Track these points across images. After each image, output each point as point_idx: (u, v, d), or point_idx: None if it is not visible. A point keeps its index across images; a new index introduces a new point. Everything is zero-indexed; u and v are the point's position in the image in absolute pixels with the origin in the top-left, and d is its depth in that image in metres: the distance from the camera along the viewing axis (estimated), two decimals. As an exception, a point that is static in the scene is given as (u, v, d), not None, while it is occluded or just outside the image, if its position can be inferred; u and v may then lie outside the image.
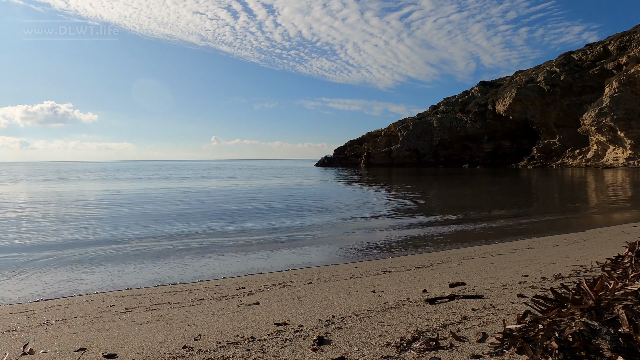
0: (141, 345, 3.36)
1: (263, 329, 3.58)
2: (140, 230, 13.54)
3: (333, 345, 3.02)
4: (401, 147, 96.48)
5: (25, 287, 7.38)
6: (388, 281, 6.06)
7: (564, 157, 76.22)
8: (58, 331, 4.27)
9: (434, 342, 2.85)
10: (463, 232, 12.88)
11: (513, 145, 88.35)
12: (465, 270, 6.53)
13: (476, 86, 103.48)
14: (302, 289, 5.94)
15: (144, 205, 21.57)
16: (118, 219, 16.52)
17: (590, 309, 2.53)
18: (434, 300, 4.08)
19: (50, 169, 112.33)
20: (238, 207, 20.59)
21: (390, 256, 9.53)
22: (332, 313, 3.94)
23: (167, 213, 18.25)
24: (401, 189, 32.68)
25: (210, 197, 26.40)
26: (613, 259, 4.31)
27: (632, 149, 62.95)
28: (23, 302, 6.43)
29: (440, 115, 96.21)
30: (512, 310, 3.52)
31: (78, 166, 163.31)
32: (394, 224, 14.79)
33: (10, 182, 48.17)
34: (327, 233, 13.03)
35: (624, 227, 11.78)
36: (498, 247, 9.66)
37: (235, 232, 13.26)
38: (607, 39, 75.79)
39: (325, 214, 17.81)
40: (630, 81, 63.72)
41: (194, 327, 3.90)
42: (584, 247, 8.32)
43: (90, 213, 18.42)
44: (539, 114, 79.78)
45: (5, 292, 7.13)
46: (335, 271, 7.61)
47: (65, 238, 12.29)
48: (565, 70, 78.02)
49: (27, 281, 7.78)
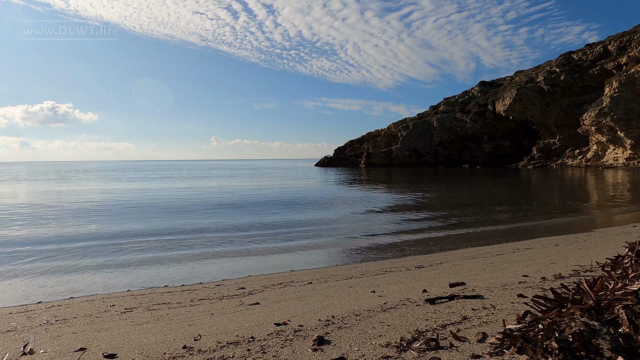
0: (141, 345, 3.36)
1: (263, 329, 3.58)
2: (140, 230, 13.53)
3: (333, 345, 3.02)
4: (401, 147, 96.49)
5: (25, 287, 7.38)
6: (388, 281, 6.06)
7: (564, 157, 76.24)
8: (58, 331, 4.27)
9: (434, 342, 2.85)
10: (463, 232, 12.88)
11: (513, 145, 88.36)
12: (465, 270, 6.53)
13: (476, 86, 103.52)
14: (302, 289, 5.94)
15: (144, 205, 21.56)
16: (118, 219, 16.52)
17: (590, 309, 2.53)
18: (434, 300, 4.08)
19: (51, 169, 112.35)
20: (238, 207, 20.59)
21: (390, 256, 9.53)
22: (332, 313, 3.94)
23: (167, 213, 18.24)
24: (401, 189, 32.68)
25: (210, 197, 26.39)
26: (613, 259, 4.31)
27: (632, 149, 62.96)
28: (22, 303, 6.43)
29: (440, 115, 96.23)
30: (512, 310, 3.52)
31: (78, 166, 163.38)
32: (394, 224, 14.79)
33: (14, 182, 48.17)
34: (327, 233, 13.03)
35: (624, 227, 11.78)
36: (498, 247, 9.66)
37: (235, 232, 13.26)
38: (607, 39, 75.84)
39: (325, 214, 17.81)
40: (630, 81, 63.73)
41: (194, 327, 3.90)
42: (584, 247, 8.32)
43: (90, 212, 18.42)
44: (539, 114, 79.80)
45: (3, 292, 7.13)
46: (335, 271, 7.61)
47: (66, 238, 12.28)
48: (565, 70, 78.04)
49: (26, 281, 7.79)
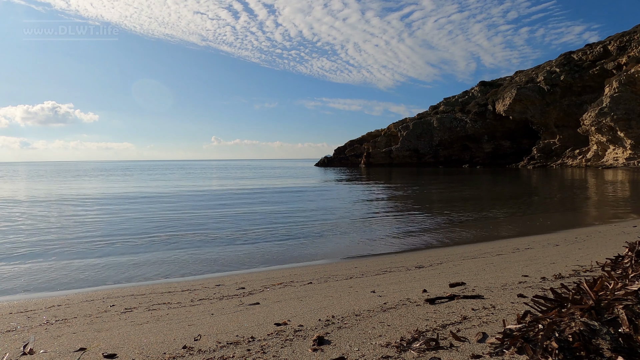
0: (141, 345, 3.36)
1: (263, 329, 3.58)
2: (140, 230, 13.53)
3: (333, 345, 3.02)
4: (401, 147, 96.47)
5: (25, 286, 7.39)
6: (388, 281, 6.06)
7: (564, 157, 76.21)
8: (58, 331, 4.27)
9: (434, 342, 2.85)
10: (463, 232, 12.88)
11: (513, 145, 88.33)
12: (465, 270, 6.53)
13: (476, 86, 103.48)
14: (302, 289, 5.94)
15: (145, 205, 21.56)
16: (118, 218, 16.52)
17: (590, 309, 2.53)
18: (434, 300, 4.08)
19: (51, 169, 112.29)
20: (238, 207, 20.59)
21: (390, 256, 9.53)
22: (332, 313, 3.94)
23: (167, 213, 18.24)
24: (401, 189, 32.68)
25: (210, 197, 26.39)
26: (613, 259, 4.31)
27: (632, 149, 62.94)
28: (22, 299, 6.42)
29: (440, 115, 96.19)
30: (512, 310, 3.52)
31: (79, 166, 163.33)
32: (393, 224, 14.79)
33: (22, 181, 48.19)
34: (327, 233, 13.03)
35: (624, 227, 11.77)
36: (498, 247, 9.65)
37: (235, 232, 13.26)
38: (607, 39, 75.80)
39: (325, 214, 17.81)
40: (630, 81, 63.70)
41: (194, 327, 3.90)
42: (584, 247, 8.32)
43: (90, 212, 18.42)
44: (539, 114, 79.78)
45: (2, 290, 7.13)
46: (335, 271, 7.61)
47: (65, 237, 12.28)
48: (565, 70, 78.01)
49: (26, 279, 7.79)
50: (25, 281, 7.83)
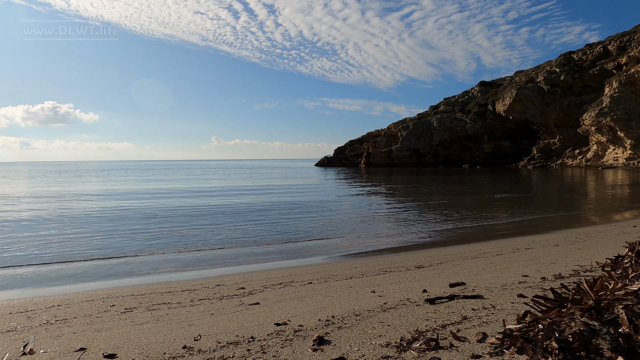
0: (141, 345, 3.36)
1: (263, 329, 3.58)
2: (140, 230, 13.53)
3: (333, 345, 3.02)
4: (401, 147, 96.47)
5: (24, 285, 7.38)
6: (388, 281, 6.06)
7: (564, 157, 76.22)
8: (58, 331, 4.27)
9: (434, 342, 2.85)
10: (463, 232, 12.88)
11: (513, 145, 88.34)
12: (465, 270, 6.53)
13: (476, 86, 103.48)
14: (302, 289, 5.94)
15: (145, 205, 21.56)
16: (118, 218, 16.52)
17: (590, 309, 2.53)
18: (434, 300, 4.08)
19: (52, 169, 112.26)
20: (237, 207, 20.59)
21: (390, 256, 9.53)
22: (332, 313, 3.94)
23: (167, 212, 18.24)
24: (401, 189, 32.68)
25: (210, 197, 26.39)
26: (613, 259, 4.31)
27: (632, 149, 62.95)
28: (22, 299, 6.43)
29: (440, 115, 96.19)
30: (512, 310, 3.52)
31: (79, 166, 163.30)
32: (393, 223, 14.78)
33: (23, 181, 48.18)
34: (327, 233, 13.03)
35: (624, 227, 11.77)
36: (498, 247, 9.65)
37: (235, 232, 13.25)
38: (607, 39, 75.83)
39: (325, 214, 17.81)
40: (630, 81, 63.71)
41: (194, 327, 3.90)
42: (584, 247, 8.31)
43: (91, 212, 18.42)
44: (539, 114, 79.78)
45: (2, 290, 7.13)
46: (335, 271, 7.61)
47: (65, 236, 12.28)
48: (565, 70, 78.03)
49: (26, 279, 7.79)
50: (25, 277, 7.83)
